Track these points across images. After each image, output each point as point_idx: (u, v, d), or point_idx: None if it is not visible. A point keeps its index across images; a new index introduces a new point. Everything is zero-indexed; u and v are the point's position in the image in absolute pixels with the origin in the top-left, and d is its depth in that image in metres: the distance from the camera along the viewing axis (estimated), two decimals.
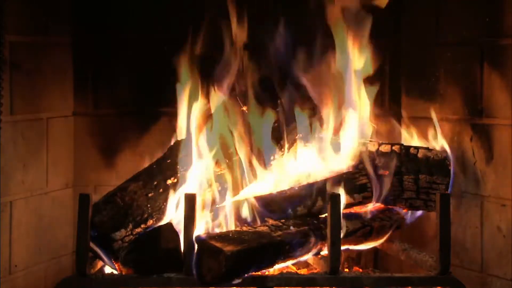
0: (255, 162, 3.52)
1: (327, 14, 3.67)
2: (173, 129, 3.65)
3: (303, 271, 3.63)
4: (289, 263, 3.40)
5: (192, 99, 3.59)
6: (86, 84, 3.90)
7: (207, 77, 3.61)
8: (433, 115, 3.60)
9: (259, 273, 3.24)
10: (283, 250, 3.26)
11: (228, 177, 3.50)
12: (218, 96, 3.59)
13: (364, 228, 3.49)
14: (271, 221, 3.37)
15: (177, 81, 3.62)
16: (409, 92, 3.84)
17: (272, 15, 3.68)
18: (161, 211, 3.39)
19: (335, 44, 3.67)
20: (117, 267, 3.31)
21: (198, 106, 3.58)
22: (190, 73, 3.61)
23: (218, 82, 3.60)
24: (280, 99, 3.60)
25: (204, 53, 3.66)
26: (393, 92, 3.89)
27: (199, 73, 3.61)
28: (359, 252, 3.74)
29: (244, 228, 3.33)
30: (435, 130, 3.63)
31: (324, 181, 3.50)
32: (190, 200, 3.21)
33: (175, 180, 3.44)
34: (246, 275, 3.18)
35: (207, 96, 3.59)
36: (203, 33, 3.70)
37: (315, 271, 3.58)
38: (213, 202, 3.49)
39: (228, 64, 3.62)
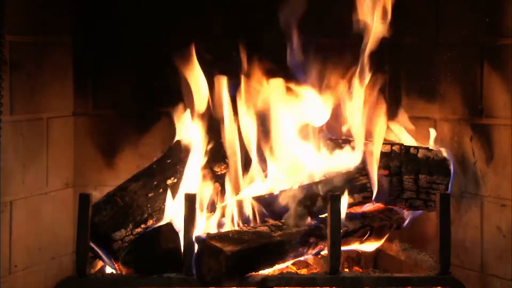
0: (255, 162, 3.52)
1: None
2: (173, 129, 3.65)
3: (303, 271, 3.63)
4: (289, 263, 3.40)
5: (192, 99, 3.60)
6: (86, 84, 3.90)
7: (207, 77, 3.61)
8: None
9: (259, 273, 3.24)
10: (283, 250, 3.26)
11: (229, 177, 3.51)
12: (218, 96, 3.59)
13: (364, 228, 3.49)
14: (271, 221, 3.37)
15: (177, 81, 3.62)
16: (409, 92, 3.84)
17: (275, 14, 3.69)
18: (161, 211, 3.39)
19: (335, 44, 3.68)
20: (117, 267, 3.31)
21: (199, 106, 3.58)
22: (190, 73, 3.61)
23: (218, 81, 3.60)
24: (281, 99, 3.60)
25: (204, 53, 3.66)
26: (393, 92, 3.88)
27: (199, 73, 3.61)
28: (359, 252, 3.74)
29: (244, 228, 3.33)
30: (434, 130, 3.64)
31: (324, 181, 3.50)
32: (190, 200, 3.21)
33: (175, 180, 3.44)
34: (246, 275, 3.18)
35: (207, 96, 3.59)
36: (204, 33, 3.70)
37: (315, 271, 3.58)
38: (214, 202, 3.49)
39: (229, 63, 3.62)
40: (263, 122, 3.56)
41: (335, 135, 3.66)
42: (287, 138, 3.58)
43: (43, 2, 3.66)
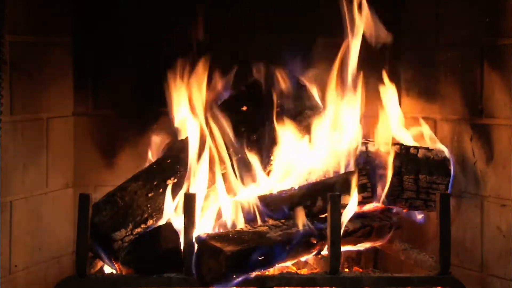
0: (255, 162, 3.52)
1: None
2: (173, 129, 3.65)
3: (303, 271, 3.63)
4: (289, 263, 3.41)
5: (191, 99, 3.60)
6: (86, 84, 3.90)
7: (207, 76, 3.61)
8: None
9: (259, 273, 3.24)
10: (283, 250, 3.26)
11: (228, 177, 3.50)
12: (217, 96, 3.59)
13: (364, 228, 3.49)
14: (271, 221, 3.37)
15: (178, 82, 3.63)
16: (409, 92, 3.84)
17: (271, 14, 3.69)
18: (161, 211, 3.39)
19: (334, 44, 3.68)
20: (117, 267, 3.31)
21: (198, 106, 3.58)
22: (189, 74, 3.61)
23: (217, 82, 3.60)
24: (280, 99, 3.60)
25: (203, 53, 3.67)
26: None
27: (199, 73, 3.61)
28: (359, 252, 3.74)
29: (244, 228, 3.33)
30: (434, 130, 3.64)
31: (324, 181, 3.50)
32: (190, 200, 3.21)
33: (175, 180, 3.44)
34: (246, 275, 3.18)
35: (206, 96, 3.59)
36: (202, 33, 3.71)
37: (315, 271, 3.58)
38: (213, 202, 3.49)
39: (227, 64, 3.62)
40: (264, 123, 3.57)
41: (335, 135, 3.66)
42: (287, 138, 3.59)
43: (43, 2, 3.66)
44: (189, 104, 3.56)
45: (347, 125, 3.65)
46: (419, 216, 3.60)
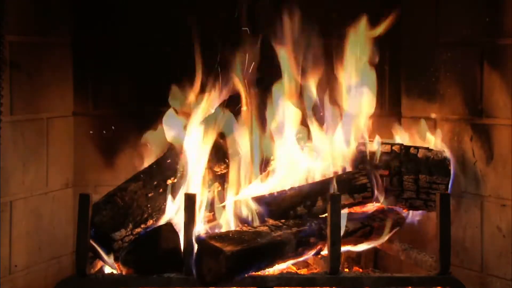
0: (255, 162, 3.52)
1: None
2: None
3: (303, 271, 3.63)
4: (289, 263, 3.41)
5: (192, 99, 3.60)
6: (86, 84, 3.90)
7: (207, 76, 3.61)
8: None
9: (259, 273, 3.24)
10: (283, 250, 3.26)
11: (229, 177, 3.51)
12: (217, 96, 3.59)
13: (364, 228, 3.49)
14: (271, 221, 3.37)
15: (177, 81, 3.63)
16: (409, 92, 3.84)
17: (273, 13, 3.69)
18: (161, 211, 3.39)
19: (335, 44, 3.68)
20: (117, 267, 3.31)
21: (198, 106, 3.58)
22: (189, 73, 3.61)
23: (217, 81, 3.61)
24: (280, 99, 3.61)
25: (203, 53, 3.67)
26: (393, 92, 3.89)
27: (199, 72, 3.62)
28: (359, 252, 3.74)
29: (244, 228, 3.33)
30: (435, 130, 3.64)
31: (324, 181, 3.50)
32: (190, 200, 3.21)
33: (175, 180, 3.44)
34: (246, 275, 3.18)
35: (206, 95, 3.59)
36: (203, 33, 3.71)
37: (315, 271, 3.58)
38: (213, 202, 3.49)
39: (228, 63, 3.63)
40: (264, 122, 3.57)
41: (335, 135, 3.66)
42: (287, 138, 3.59)
43: (43, 2, 3.66)
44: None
45: (347, 125, 3.65)
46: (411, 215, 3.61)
